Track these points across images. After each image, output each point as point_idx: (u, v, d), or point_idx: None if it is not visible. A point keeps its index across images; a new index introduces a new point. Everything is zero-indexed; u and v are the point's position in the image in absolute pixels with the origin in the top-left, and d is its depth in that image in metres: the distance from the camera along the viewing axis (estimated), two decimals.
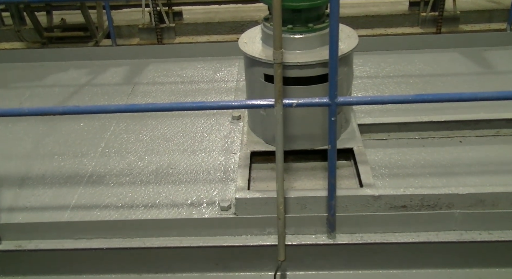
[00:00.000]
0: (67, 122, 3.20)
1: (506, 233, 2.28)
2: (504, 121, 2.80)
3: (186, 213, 2.37)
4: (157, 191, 2.53)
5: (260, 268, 2.39)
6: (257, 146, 2.63)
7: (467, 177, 2.50)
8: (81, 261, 2.38)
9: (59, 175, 2.71)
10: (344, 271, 2.38)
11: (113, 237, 2.37)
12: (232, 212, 2.33)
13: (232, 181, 2.56)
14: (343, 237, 2.31)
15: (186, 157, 2.78)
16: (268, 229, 2.32)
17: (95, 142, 2.98)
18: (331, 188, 2.16)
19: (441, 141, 2.81)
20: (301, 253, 2.33)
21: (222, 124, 3.08)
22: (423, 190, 2.26)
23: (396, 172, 2.58)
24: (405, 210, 2.27)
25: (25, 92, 3.66)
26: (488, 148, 2.72)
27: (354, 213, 2.28)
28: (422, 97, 2.04)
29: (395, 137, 2.85)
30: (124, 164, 2.76)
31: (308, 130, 2.53)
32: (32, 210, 2.46)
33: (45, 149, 2.95)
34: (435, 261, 2.33)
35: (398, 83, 3.47)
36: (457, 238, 2.27)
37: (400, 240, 2.28)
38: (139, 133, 3.05)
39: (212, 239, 2.33)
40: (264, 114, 2.56)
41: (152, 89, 3.61)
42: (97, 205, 2.46)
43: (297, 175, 2.54)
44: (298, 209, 2.28)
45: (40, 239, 2.38)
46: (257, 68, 2.43)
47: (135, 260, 2.38)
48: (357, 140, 2.61)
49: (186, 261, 2.38)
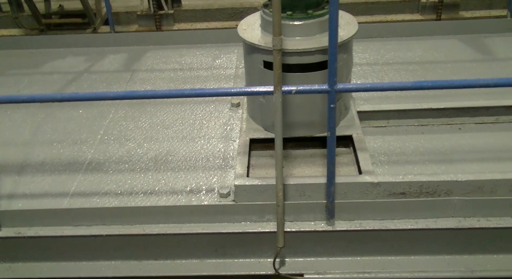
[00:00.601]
0: (65, 109, 3.19)
1: (505, 219, 2.29)
2: (503, 108, 2.80)
3: (185, 200, 2.38)
4: (156, 178, 2.53)
5: (259, 254, 2.40)
6: (256, 133, 2.63)
7: (466, 164, 2.50)
8: (80, 247, 2.39)
9: (58, 162, 2.71)
10: (343, 258, 2.39)
11: (112, 223, 2.38)
12: (231, 199, 2.34)
13: (231, 168, 2.56)
14: (342, 224, 2.32)
15: (185, 144, 2.78)
16: (267, 216, 2.33)
17: (94, 129, 2.98)
18: (330, 175, 2.16)
19: (440, 128, 2.80)
20: (300, 240, 2.34)
21: (221, 111, 3.08)
22: (422, 177, 2.26)
23: (395, 159, 2.58)
24: (404, 197, 2.27)
25: (23, 79, 3.64)
26: (487, 135, 2.72)
27: (353, 200, 2.28)
28: (421, 84, 2.03)
29: (394, 124, 2.85)
30: (123, 151, 2.76)
31: (307, 117, 2.52)
32: (32, 197, 2.46)
33: (44, 136, 2.95)
34: (434, 248, 2.34)
35: (397, 70, 3.46)
36: (455, 224, 2.28)
37: (398, 226, 2.29)
38: (138, 120, 3.05)
39: (211, 226, 2.34)
40: (263, 101, 2.55)
41: (151, 76, 3.60)
42: (96, 192, 2.47)
43: (296, 162, 2.54)
44: (297, 196, 2.29)
45: (39, 226, 2.39)
46: (256, 55, 2.42)
47: (134, 247, 2.40)
48: (356, 127, 2.60)
49: (186, 248, 2.39)
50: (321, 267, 2.37)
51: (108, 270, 2.42)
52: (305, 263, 2.39)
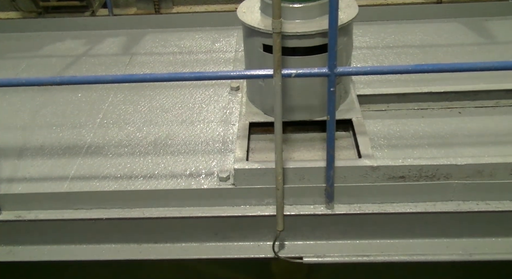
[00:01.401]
0: (64, 93, 3.18)
1: (503, 203, 2.29)
2: (503, 91, 2.79)
3: (185, 184, 2.38)
4: (156, 162, 2.53)
5: (258, 238, 2.41)
6: (255, 117, 2.62)
7: (466, 148, 2.50)
8: (80, 231, 2.40)
9: (57, 146, 2.71)
10: (342, 241, 2.40)
11: (112, 207, 2.39)
12: (230, 182, 2.34)
13: (230, 152, 2.56)
14: (341, 207, 2.32)
15: (185, 128, 2.78)
16: (266, 199, 2.34)
17: (93, 113, 2.97)
18: (329, 159, 2.16)
19: (440, 112, 2.80)
20: (299, 223, 2.35)
21: (221, 95, 3.07)
22: (421, 160, 2.26)
23: (394, 143, 2.58)
24: (403, 181, 2.28)
25: (22, 63, 3.62)
26: (487, 119, 2.71)
27: (352, 184, 2.28)
28: (421, 67, 2.02)
29: (394, 108, 2.84)
30: (122, 135, 2.76)
31: (307, 101, 2.51)
32: (31, 181, 2.46)
33: (43, 120, 2.94)
34: (432, 231, 2.35)
35: (398, 54, 3.44)
36: (454, 208, 2.29)
37: (397, 210, 2.30)
38: (137, 104, 3.04)
39: (211, 210, 2.35)
40: (263, 84, 2.54)
41: (150, 60, 3.58)
42: (96, 175, 2.47)
43: (296, 146, 2.54)
44: (297, 179, 2.29)
45: (39, 209, 2.39)
46: (255, 38, 2.41)
47: (134, 230, 2.41)
48: (356, 111, 2.60)
49: (185, 231, 2.40)
50: (320, 250, 2.38)
51: (108, 253, 2.44)
52: (304, 246, 2.40)
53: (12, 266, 2.46)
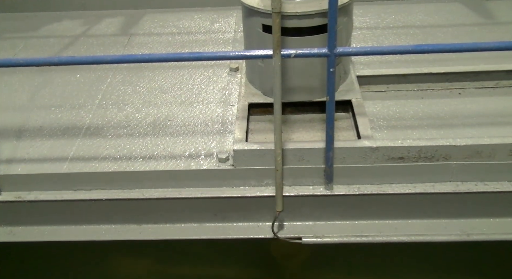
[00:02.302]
0: (63, 74, 3.17)
1: (502, 184, 2.30)
2: (504, 72, 2.77)
3: (184, 165, 2.38)
4: (155, 143, 2.53)
5: (258, 218, 2.42)
6: (255, 98, 2.62)
7: (465, 129, 2.50)
8: (80, 211, 2.41)
9: (56, 127, 2.70)
10: (341, 221, 2.41)
11: (112, 188, 2.39)
12: (230, 163, 2.34)
13: (230, 133, 2.55)
14: (340, 188, 2.33)
15: (184, 109, 2.77)
16: (266, 180, 2.34)
17: (92, 94, 2.96)
18: (329, 140, 2.16)
19: (440, 93, 2.79)
20: (298, 204, 2.36)
21: (220, 76, 3.06)
22: (420, 141, 2.26)
23: (394, 124, 2.57)
24: (402, 162, 2.28)
25: (19, 43, 3.60)
26: (487, 100, 2.71)
27: (352, 165, 2.29)
28: (421, 47, 2.01)
29: (394, 89, 2.83)
30: (121, 116, 2.75)
31: (306, 82, 2.51)
32: (31, 162, 2.46)
33: (41, 101, 2.93)
34: (431, 212, 2.36)
35: (398, 34, 3.42)
36: (453, 189, 2.29)
37: (396, 191, 2.30)
38: (136, 85, 3.03)
39: (211, 190, 2.35)
40: (262, 65, 2.53)
41: (149, 40, 3.55)
42: (95, 156, 2.47)
43: (295, 127, 2.54)
44: (296, 160, 2.29)
45: (39, 190, 2.40)
46: (255, 18, 2.39)
47: (134, 211, 2.41)
48: (355, 92, 2.59)
49: (185, 212, 2.41)
50: (319, 230, 2.40)
51: (108, 233, 2.45)
52: (303, 227, 2.42)
53: (12, 246, 2.47)
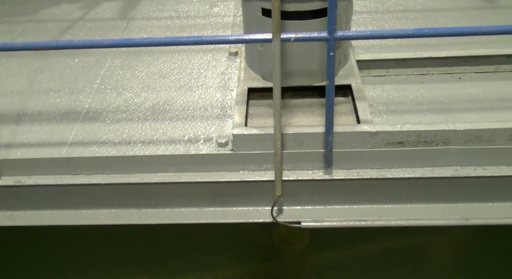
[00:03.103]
0: (61, 58, 3.15)
1: (501, 168, 2.31)
2: (504, 57, 2.76)
3: (183, 149, 2.38)
4: (154, 128, 2.53)
5: (257, 203, 2.43)
6: (254, 82, 2.61)
7: (465, 113, 2.50)
8: (80, 196, 2.42)
9: (55, 111, 2.70)
10: (340, 206, 2.42)
11: (111, 172, 2.39)
12: (229, 148, 2.34)
13: (229, 117, 2.55)
14: (340, 173, 2.33)
15: (183, 94, 2.76)
16: (265, 165, 2.34)
17: (90, 79, 2.95)
18: (328, 124, 2.16)
19: (440, 78, 2.78)
20: (297, 189, 2.36)
21: (219, 60, 3.04)
22: (420, 126, 2.26)
23: (393, 108, 2.57)
24: (402, 146, 2.28)
25: (17, 28, 3.57)
26: (487, 84, 2.70)
27: (351, 149, 2.29)
28: (422, 31, 2.00)
29: (393, 73, 2.82)
30: (120, 100, 2.74)
31: (306, 66, 2.50)
32: (30, 146, 2.46)
33: (40, 86, 2.92)
34: (430, 196, 2.37)
35: (398, 19, 3.39)
36: (452, 173, 2.30)
37: (395, 175, 2.31)
38: (135, 70, 3.01)
39: (210, 175, 2.36)
40: (262, 49, 2.51)
41: (147, 25, 3.53)
42: (94, 141, 2.46)
43: (295, 111, 2.53)
44: (295, 145, 2.29)
45: (39, 175, 2.40)
46: (254, 2, 2.37)
47: (134, 195, 2.42)
48: (355, 77, 2.58)
49: (185, 196, 2.42)
50: (319, 215, 2.40)
51: (108, 218, 2.46)
52: (302, 211, 2.42)
53: (13, 230, 2.48)
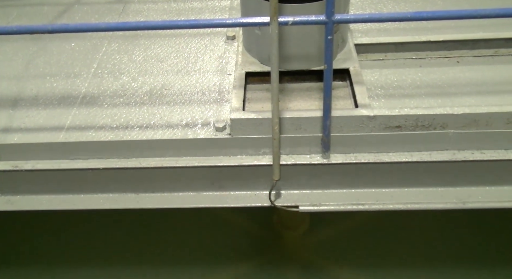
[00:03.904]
0: (57, 42, 3.13)
1: (498, 152, 2.31)
2: (503, 40, 2.75)
3: (181, 134, 2.37)
4: (152, 112, 2.52)
5: (255, 187, 2.43)
6: (252, 66, 2.59)
7: (463, 97, 2.50)
8: (78, 180, 2.42)
9: (52, 96, 2.68)
10: (338, 190, 2.43)
11: (109, 157, 2.39)
12: (227, 132, 2.34)
13: (227, 102, 2.54)
14: (337, 157, 2.33)
15: (180, 78, 2.75)
16: (263, 149, 2.34)
17: (87, 63, 2.93)
18: (326, 109, 2.15)
19: (438, 61, 2.77)
20: (295, 173, 2.37)
21: (216, 44, 3.02)
22: (418, 110, 2.25)
23: (392, 92, 2.56)
24: (400, 130, 2.28)
25: (12, 12, 3.54)
26: (485, 68, 2.69)
27: (349, 134, 2.29)
28: (420, 14, 1.98)
29: (392, 57, 2.81)
30: (117, 85, 2.73)
31: (304, 50, 2.48)
32: (27, 131, 2.46)
33: (36, 70, 2.91)
34: (427, 180, 2.38)
35: (397, 2, 3.37)
36: (449, 157, 2.30)
37: (393, 159, 2.31)
38: (132, 54, 2.99)
39: (208, 159, 2.36)
40: (259, 33, 2.50)
41: (144, 8, 3.50)
42: (92, 126, 2.46)
43: (292, 96, 2.53)
44: (293, 129, 2.29)
45: (36, 160, 2.40)
46: None
47: (131, 180, 2.42)
48: (353, 60, 2.57)
49: (182, 181, 2.42)
50: (316, 199, 2.41)
51: (106, 202, 2.46)
52: (300, 195, 2.43)
53: (11, 215, 2.48)
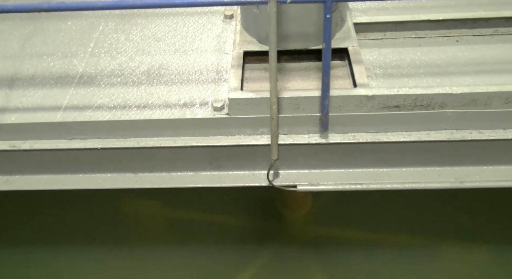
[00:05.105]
0: (54, 21, 3.10)
1: (496, 132, 2.31)
2: (503, 19, 2.73)
3: (179, 114, 2.37)
4: (150, 92, 2.51)
5: (253, 167, 2.44)
6: (250, 45, 2.58)
7: (462, 77, 2.49)
8: (76, 160, 2.42)
9: (49, 75, 2.67)
10: (336, 170, 2.43)
11: (107, 137, 2.39)
12: (225, 112, 2.33)
13: (225, 81, 2.53)
14: (336, 137, 2.33)
15: (178, 58, 2.73)
16: (261, 129, 2.34)
17: (84, 42, 2.91)
18: (324, 88, 2.14)
19: (438, 41, 2.76)
20: (293, 152, 2.37)
21: (214, 24, 3.00)
22: (416, 90, 2.25)
23: (390, 72, 2.55)
24: (398, 110, 2.27)
25: None
26: (485, 47, 2.68)
27: (347, 113, 2.28)
28: None
29: (391, 36, 2.79)
30: (115, 64, 2.71)
31: (302, 29, 2.46)
32: (25, 111, 2.45)
33: (33, 49, 2.88)
34: (425, 160, 2.38)
35: None
36: (447, 137, 2.30)
37: (391, 139, 2.31)
38: (129, 33, 2.97)
39: (206, 139, 2.35)
40: (257, 12, 2.47)
41: None
42: (89, 105, 2.45)
43: (291, 75, 2.52)
44: (291, 109, 2.28)
45: (34, 139, 2.39)
46: None
47: (130, 160, 2.42)
48: (352, 40, 2.55)
49: (181, 161, 2.42)
50: (314, 178, 2.42)
51: (104, 182, 2.47)
52: (298, 175, 2.44)
53: (9, 195, 2.49)
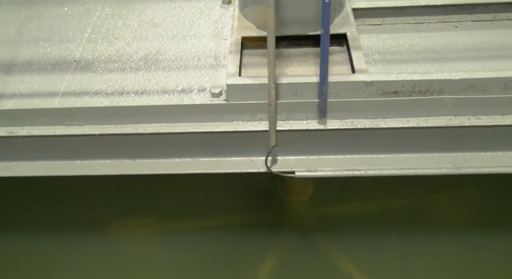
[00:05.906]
0: (50, 7, 3.07)
1: (495, 118, 2.31)
2: (502, 4, 2.71)
3: (177, 100, 2.36)
4: (147, 78, 2.50)
5: (251, 153, 2.44)
6: (248, 31, 2.56)
7: (461, 63, 2.48)
8: (74, 147, 2.41)
9: (46, 61, 2.65)
10: (334, 156, 2.43)
11: (104, 123, 2.38)
12: (223, 98, 2.32)
13: (223, 67, 2.52)
14: (334, 123, 2.33)
15: (176, 43, 2.72)
16: (259, 115, 2.34)
17: (81, 28, 2.89)
18: (323, 74, 2.13)
19: (437, 26, 2.74)
20: (292, 139, 2.37)
21: (212, 9, 2.98)
22: (415, 75, 2.24)
23: (389, 58, 2.54)
24: (396, 96, 2.27)
25: None
26: (484, 33, 2.67)
27: (345, 99, 2.28)
28: None
29: (390, 22, 2.77)
30: (112, 50, 2.70)
31: (301, 14, 2.45)
32: (22, 97, 2.44)
33: (29, 35, 2.86)
34: (423, 146, 2.38)
35: None
36: (446, 123, 2.30)
37: (390, 125, 2.31)
38: (126, 18, 2.95)
39: (204, 125, 2.35)
40: None
41: None
42: (87, 91, 2.44)
43: (289, 61, 2.51)
44: (290, 95, 2.28)
45: (31, 125, 2.39)
46: None
47: (128, 146, 2.42)
48: (351, 25, 2.54)
49: (179, 147, 2.42)
50: (312, 164, 2.42)
51: (102, 168, 2.47)
52: (296, 161, 2.44)
53: (7, 181, 2.49)
